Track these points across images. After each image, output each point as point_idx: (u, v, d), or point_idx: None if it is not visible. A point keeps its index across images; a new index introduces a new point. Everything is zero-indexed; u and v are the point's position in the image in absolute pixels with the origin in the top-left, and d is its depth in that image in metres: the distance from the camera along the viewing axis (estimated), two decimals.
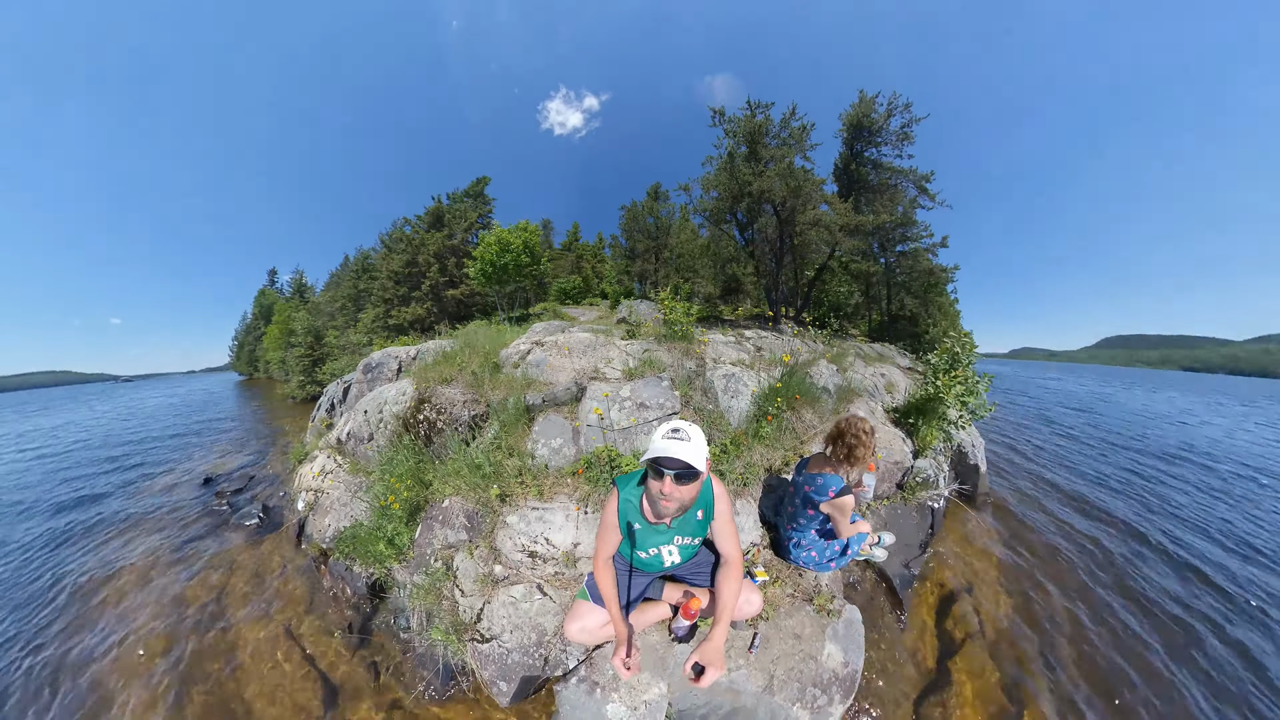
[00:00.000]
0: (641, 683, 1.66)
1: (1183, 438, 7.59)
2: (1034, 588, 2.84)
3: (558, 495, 2.52)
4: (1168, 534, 3.65)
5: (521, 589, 2.10)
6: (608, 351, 3.97)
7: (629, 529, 1.56)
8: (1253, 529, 3.81)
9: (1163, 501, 4.45)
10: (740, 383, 3.50)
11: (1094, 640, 2.35)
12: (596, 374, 3.57)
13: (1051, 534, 3.59)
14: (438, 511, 2.61)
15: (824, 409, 3.59)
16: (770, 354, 4.49)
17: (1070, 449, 6.54)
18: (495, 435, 3.00)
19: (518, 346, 4.30)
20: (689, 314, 4.48)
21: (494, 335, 5.11)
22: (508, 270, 11.05)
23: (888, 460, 3.22)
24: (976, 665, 2.18)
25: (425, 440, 3.28)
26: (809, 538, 2.10)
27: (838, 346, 5.28)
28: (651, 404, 3.07)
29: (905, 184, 8.38)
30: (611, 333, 4.72)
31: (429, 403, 3.44)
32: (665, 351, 3.93)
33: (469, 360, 4.04)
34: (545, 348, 4.10)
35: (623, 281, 17.30)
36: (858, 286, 10.44)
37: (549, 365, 3.75)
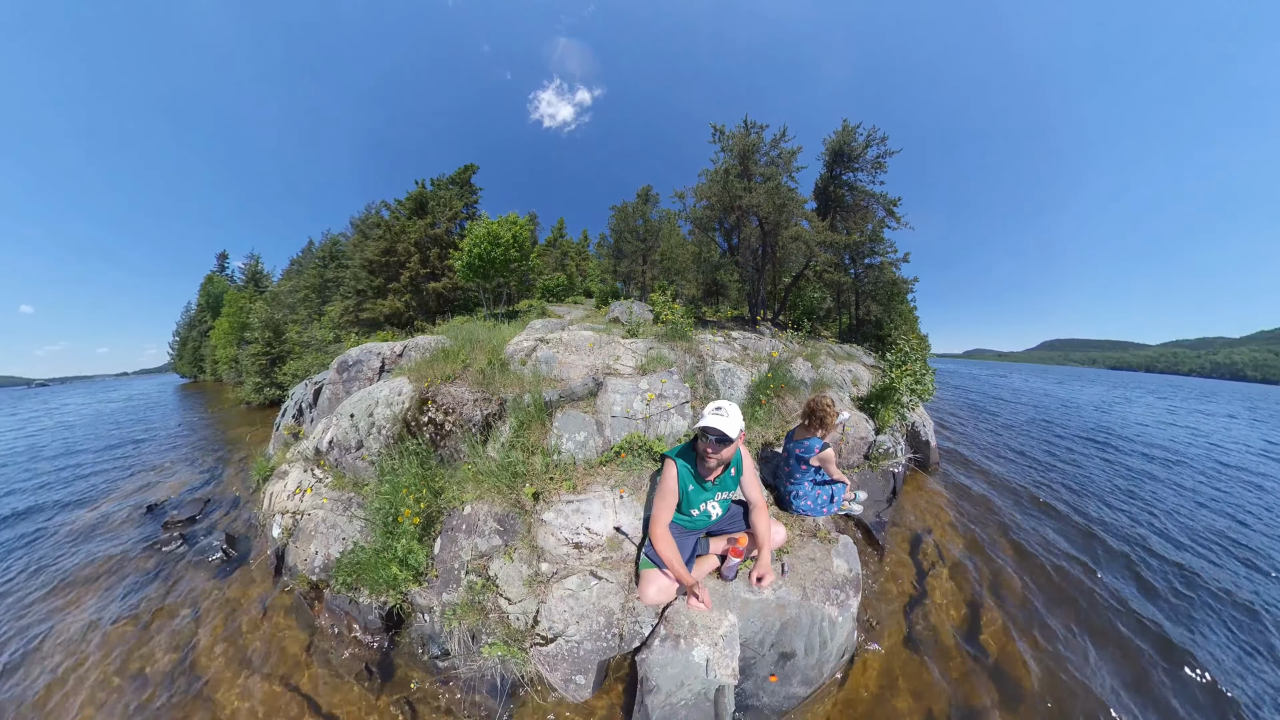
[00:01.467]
0: (714, 620, 1.89)
1: (1094, 420, 9.46)
2: (976, 526, 3.75)
3: (591, 486, 2.58)
4: (1068, 487, 4.95)
5: (576, 580, 2.11)
6: (614, 349, 4.07)
7: (686, 492, 1.88)
8: (1121, 478, 5.36)
9: (1068, 464, 5.86)
10: (735, 376, 4.01)
11: (1021, 560, 3.28)
12: (610, 370, 3.67)
13: (985, 489, 4.68)
14: (459, 520, 2.46)
15: (802, 397, 4.19)
16: (755, 352, 4.91)
17: (1002, 428, 8.05)
18: (514, 433, 2.95)
19: (520, 343, 4.28)
20: (686, 316, 4.75)
21: (492, 331, 5.00)
22: (495, 265, 10.53)
23: (855, 436, 3.90)
24: (943, 583, 2.90)
25: (432, 443, 3.04)
26: (804, 489, 2.64)
27: (811, 346, 5.77)
28: (669, 395, 3.27)
29: (875, 206, 9.41)
30: (610, 331, 4.85)
31: (434, 402, 3.21)
32: (668, 349, 4.12)
33: (474, 357, 3.96)
34: (551, 345, 4.11)
35: (607, 281, 17.28)
36: (829, 294, 11.40)
37: (560, 362, 3.78)
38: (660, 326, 4.74)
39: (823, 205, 10.02)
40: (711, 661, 1.73)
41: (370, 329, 11.93)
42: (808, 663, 1.90)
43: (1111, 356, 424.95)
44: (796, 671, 1.90)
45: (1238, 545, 3.68)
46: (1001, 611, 2.66)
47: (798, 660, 1.89)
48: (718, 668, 1.72)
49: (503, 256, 10.48)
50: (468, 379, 3.60)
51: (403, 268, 12.90)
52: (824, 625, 1.96)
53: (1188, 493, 5.01)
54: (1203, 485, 5.30)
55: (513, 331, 5.21)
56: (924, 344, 5.07)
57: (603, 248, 17.98)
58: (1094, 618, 2.65)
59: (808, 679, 1.91)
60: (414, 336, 5.73)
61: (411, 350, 4.82)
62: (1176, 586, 3.04)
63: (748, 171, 8.38)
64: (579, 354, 3.92)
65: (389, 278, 13.02)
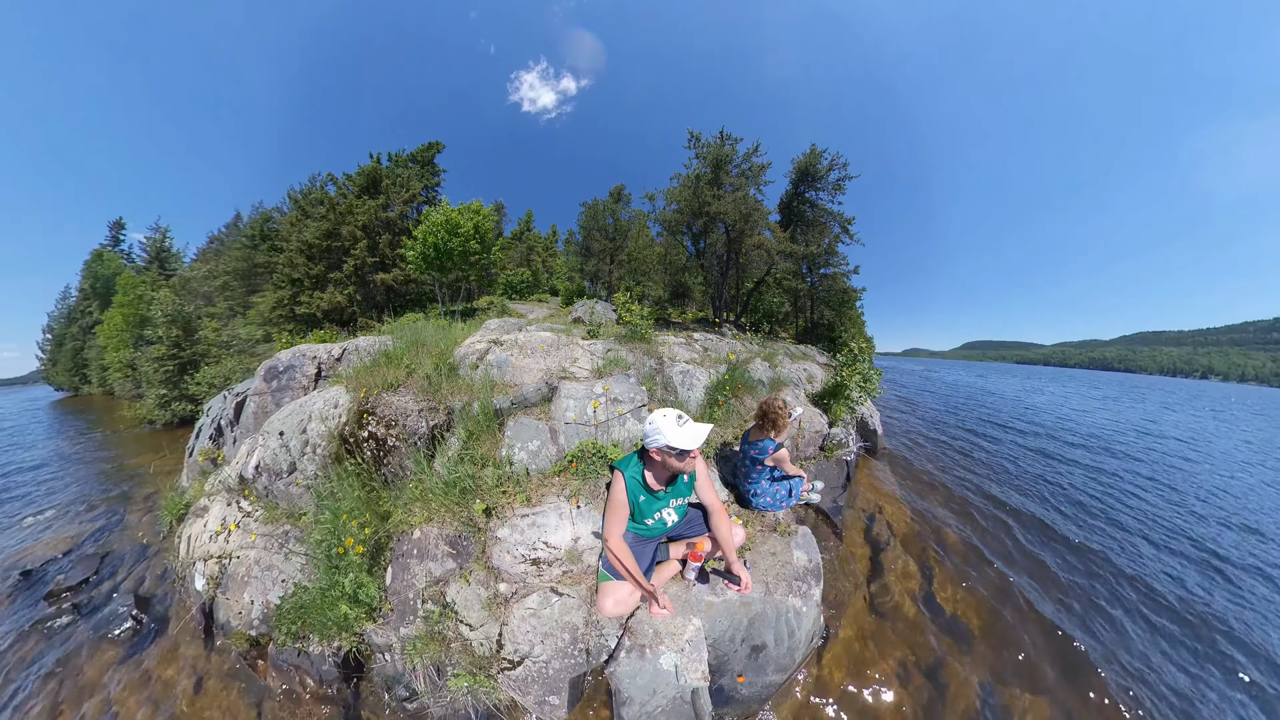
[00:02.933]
0: (678, 626, 1.89)
1: (1011, 406, 11.57)
2: (920, 501, 4.17)
3: (546, 497, 2.47)
4: (991, 459, 5.94)
5: (536, 598, 2.02)
6: (572, 351, 3.93)
7: (638, 503, 1.83)
8: (1034, 444, 6.73)
9: (987, 442, 6.95)
10: (694, 378, 4.02)
11: (961, 526, 3.74)
12: (565, 373, 3.52)
13: (926, 468, 5.27)
14: (409, 545, 2.29)
15: (760, 396, 4.28)
16: (715, 354, 4.98)
17: (934, 414, 9.22)
18: (462, 446, 2.74)
19: (473, 345, 4.00)
20: (645, 317, 4.71)
21: (442, 332, 4.63)
22: (453, 257, 9.38)
23: (810, 430, 4.10)
24: (897, 555, 3.14)
25: (375, 461, 2.76)
26: (762, 487, 2.69)
27: (770, 347, 6.06)
28: (624, 399, 3.18)
29: (833, 223, 10.44)
30: (571, 332, 4.70)
31: (373, 414, 2.89)
32: (627, 351, 4.05)
33: (419, 361, 3.65)
34: (505, 347, 3.90)
35: (574, 279, 16.78)
36: (788, 299, 12.47)
37: (513, 366, 3.59)
38: (622, 328, 4.68)
39: (786, 218, 10.90)
40: (680, 667, 1.74)
41: (307, 326, 10.50)
42: (779, 652, 1.98)
43: (1017, 354, 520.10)
44: (770, 661, 1.97)
45: (1109, 480, 5.24)
46: (948, 571, 3.02)
47: (769, 651, 1.96)
48: (687, 672, 1.74)
49: (462, 248, 9.43)
50: (412, 386, 3.32)
51: (348, 255, 11.16)
52: (790, 616, 2.05)
53: (1078, 451, 6.73)
54: (1085, 448, 7.05)
55: (466, 332, 4.89)
56: (870, 345, 5.61)
57: (571, 244, 17.36)
58: (1021, 561, 3.25)
59: (781, 666, 1.99)
60: (356, 337, 5.16)
61: (351, 354, 4.36)
62: (1069, 514, 4.04)
63: (719, 180, 8.84)
64: (534, 357, 3.75)
65: (331, 265, 11.24)
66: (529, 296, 16.98)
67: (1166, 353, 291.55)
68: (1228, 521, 4.21)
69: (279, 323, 11.00)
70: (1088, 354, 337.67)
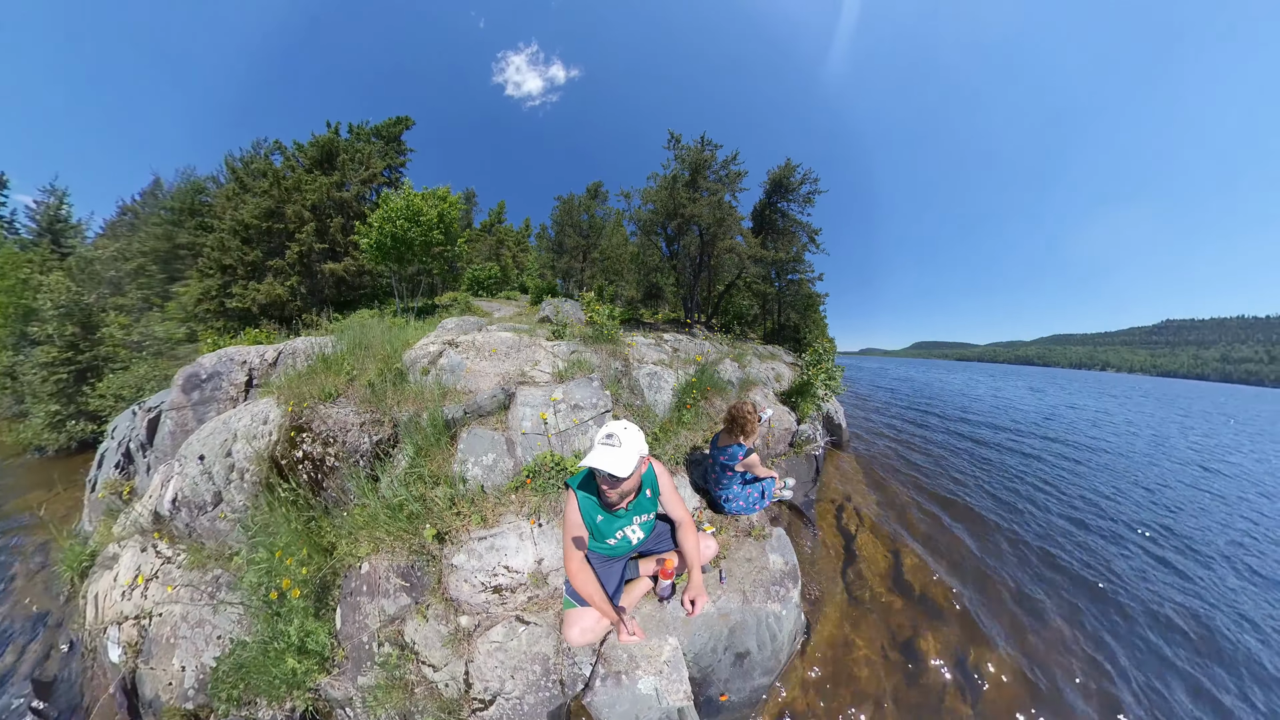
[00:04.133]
0: (654, 648, 1.81)
1: (956, 398, 13.83)
2: (885, 489, 4.58)
3: (504, 516, 2.30)
4: (941, 444, 6.80)
5: (501, 629, 1.87)
6: (534, 353, 3.72)
7: (594, 523, 1.70)
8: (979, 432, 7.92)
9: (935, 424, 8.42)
10: (662, 380, 3.94)
11: (923, 507, 4.19)
12: (524, 378, 3.30)
13: (887, 456, 5.91)
14: (358, 581, 2.07)
15: (730, 397, 4.32)
16: (686, 354, 4.96)
17: (890, 407, 10.62)
18: (411, 462, 2.49)
19: (425, 348, 3.68)
20: (613, 317, 4.57)
21: (392, 332, 4.25)
22: (413, 247, 8.44)
23: (780, 428, 4.23)
24: (867, 540, 3.42)
25: (312, 486, 2.46)
26: (734, 491, 2.67)
27: (740, 348, 6.21)
28: (585, 404, 3.04)
29: (801, 233, 11.20)
30: (535, 332, 4.46)
31: (309, 430, 2.56)
32: (592, 353, 3.90)
33: (362, 366, 3.31)
34: (461, 349, 3.63)
35: (545, 276, 16.20)
36: (757, 302, 13.20)
37: (467, 370, 3.33)
38: (588, 328, 4.52)
39: (758, 225, 11.57)
40: (661, 690, 1.69)
41: (239, 324, 9.18)
42: (763, 656, 2.01)
43: (957, 352, 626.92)
44: (755, 666, 1.99)
45: (1035, 447, 6.95)
46: (914, 548, 3.32)
47: (753, 656, 1.99)
48: (669, 695, 1.69)
49: (424, 238, 8.48)
50: (354, 396, 2.99)
51: (292, 239, 9.62)
52: (770, 621, 2.07)
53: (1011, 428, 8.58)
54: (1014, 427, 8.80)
55: (420, 332, 4.53)
56: (833, 346, 6.11)
57: (544, 240, 16.72)
58: (977, 533, 3.75)
59: (768, 669, 2.03)
60: (294, 339, 4.61)
61: (287, 357, 3.91)
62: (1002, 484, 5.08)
63: (696, 183, 9.20)
64: (491, 360, 3.52)
65: (271, 251, 9.65)
66: (497, 294, 16.23)
67: (1075, 350, 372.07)
68: (1148, 501, 5.00)
69: (205, 318, 9.48)
70: (1014, 352, 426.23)
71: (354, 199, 10.83)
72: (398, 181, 12.21)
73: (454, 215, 9.13)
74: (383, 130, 12.78)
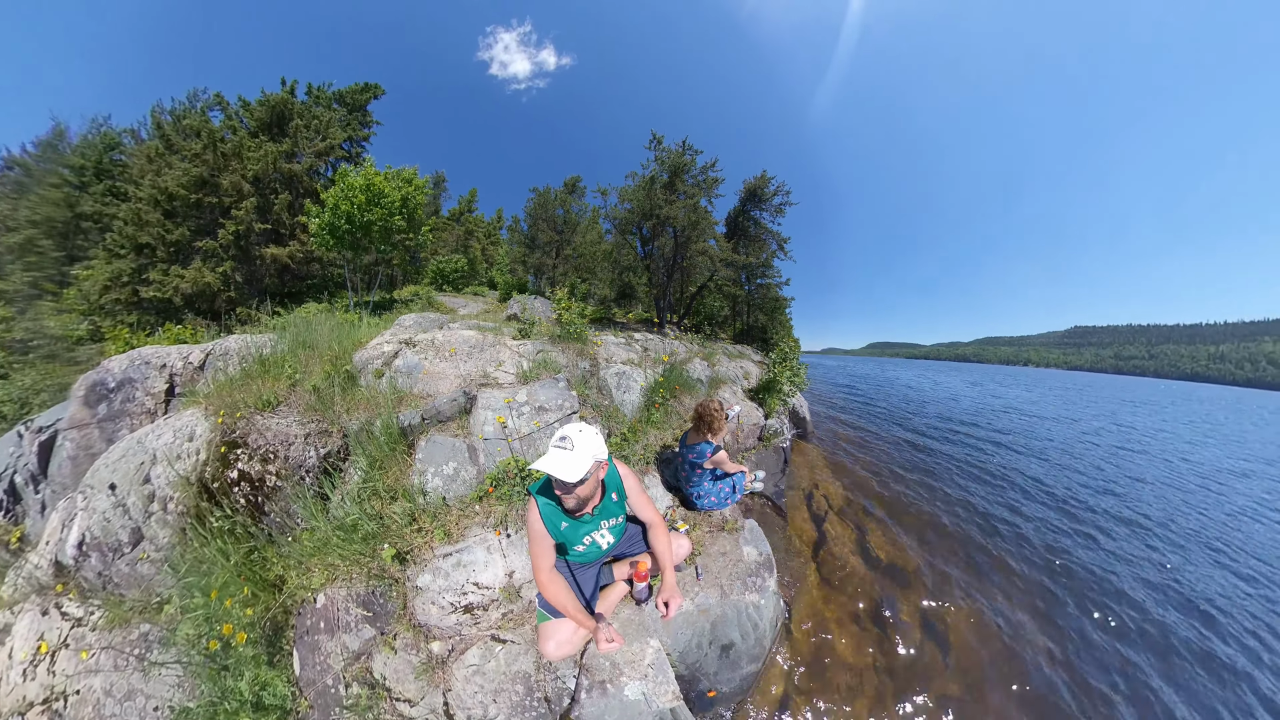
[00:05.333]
0: (637, 652, 1.80)
1: (903, 389, 16.21)
2: (848, 473, 5.08)
3: (469, 529, 2.18)
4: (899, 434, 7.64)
5: (476, 651, 1.77)
6: (498, 353, 3.59)
7: (559, 530, 1.64)
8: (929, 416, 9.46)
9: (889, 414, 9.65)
10: (630, 379, 3.94)
11: (879, 481, 4.79)
12: (487, 379, 3.17)
13: (848, 444, 6.53)
14: (314, 618, 1.89)
15: (699, 395, 4.41)
16: (655, 354, 4.99)
17: (849, 400, 12.13)
18: (364, 476, 2.29)
19: (379, 347, 3.46)
20: (583, 315, 4.52)
21: (343, 330, 3.93)
22: (371, 232, 7.50)
23: (749, 423, 4.41)
24: (835, 522, 3.75)
25: (251, 511, 2.19)
26: (705, 488, 2.71)
27: (710, 347, 6.42)
28: (551, 406, 2.97)
29: (771, 240, 12.04)
30: (501, 331, 4.30)
31: (244, 446, 2.28)
32: (560, 352, 3.83)
33: (307, 368, 3.03)
34: (419, 349, 3.43)
35: (515, 272, 15.54)
36: (727, 303, 13.97)
37: (425, 372, 3.16)
38: (557, 327, 4.43)
39: (731, 231, 12.33)
40: (648, 693, 1.69)
41: (158, 317, 7.82)
42: (748, 645, 2.09)
43: (907, 351, 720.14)
44: (742, 655, 2.05)
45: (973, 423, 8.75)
46: (878, 525, 3.70)
47: (738, 647, 2.05)
48: (657, 697, 1.68)
49: (383, 223, 7.52)
50: (297, 403, 2.74)
51: (228, 215, 7.95)
52: (750, 612, 2.14)
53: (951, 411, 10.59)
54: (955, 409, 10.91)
55: (375, 330, 4.24)
56: (797, 346, 6.61)
57: (515, 233, 15.89)
58: (933, 503, 4.32)
59: (754, 656, 2.10)
60: (226, 336, 4.10)
61: (218, 359, 3.50)
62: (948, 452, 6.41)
63: (674, 186, 9.58)
64: (451, 361, 3.35)
65: (202, 229, 7.95)
66: (463, 288, 15.41)
67: (1003, 350, 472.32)
68: (1066, 466, 6.34)
69: (114, 310, 7.85)
70: (954, 351, 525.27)
71: (306, 173, 9.26)
72: (359, 157, 10.92)
73: (420, 200, 8.30)
74: (347, 96, 11.20)
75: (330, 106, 10.81)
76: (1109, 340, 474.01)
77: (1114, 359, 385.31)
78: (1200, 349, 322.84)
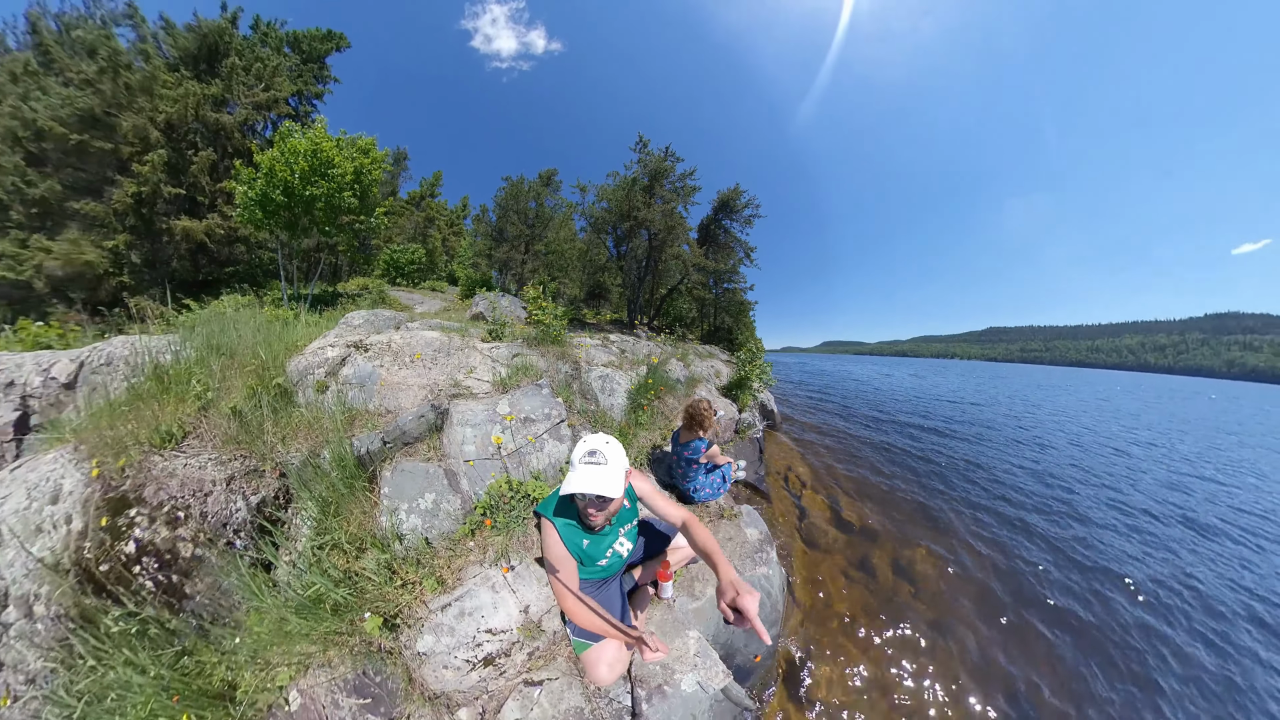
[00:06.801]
0: (681, 647, 1.79)
1: (853, 382, 19.04)
2: (816, 456, 5.89)
3: (466, 570, 1.87)
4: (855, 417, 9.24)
5: (514, 704, 1.54)
6: (468, 357, 3.17)
7: (581, 549, 1.52)
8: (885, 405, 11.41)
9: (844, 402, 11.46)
10: (614, 382, 3.83)
11: (842, 459, 5.77)
12: (459, 389, 2.75)
13: (812, 431, 7.50)
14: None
15: (680, 394, 4.54)
16: (634, 355, 4.97)
17: (810, 392, 13.89)
18: (317, 526, 1.84)
19: (322, 353, 2.83)
20: (559, 316, 4.23)
21: (273, 330, 3.19)
22: (314, 210, 6.11)
23: (726, 419, 4.73)
24: (810, 497, 4.43)
25: (165, 598, 1.60)
26: (700, 481, 2.90)
27: (682, 348, 6.57)
28: (537, 416, 2.67)
29: (739, 249, 13.16)
30: (468, 331, 3.85)
31: (141, 504, 1.70)
32: (538, 355, 3.50)
33: (223, 383, 2.39)
34: (372, 353, 2.91)
35: (479, 266, 14.30)
36: (696, 306, 14.98)
37: (382, 382, 2.66)
38: (530, 328, 4.08)
39: (703, 238, 13.23)
40: (703, 682, 1.72)
41: (10, 308, 5.96)
42: (765, 611, 2.33)
43: (853, 349, 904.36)
44: (765, 623, 2.38)
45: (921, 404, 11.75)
46: (847, 495, 4.48)
47: (761, 615, 2.32)
48: (710, 681, 1.72)
49: (329, 199, 6.11)
50: (211, 434, 2.14)
51: (125, 170, 6.04)
52: (763, 583, 2.38)
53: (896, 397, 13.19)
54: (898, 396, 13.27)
55: (315, 331, 3.57)
56: (761, 345, 7.38)
57: (482, 224, 14.44)
58: (887, 470, 5.38)
59: (773, 621, 2.41)
60: (109, 337, 3.17)
61: (96, 373, 2.70)
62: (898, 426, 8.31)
63: (653, 190, 10.13)
64: (414, 367, 2.89)
65: (83, 185, 5.90)
66: (420, 283, 14.05)
67: (935, 345, 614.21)
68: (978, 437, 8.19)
69: None
70: (894, 348, 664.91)
71: (238, 127, 7.07)
72: (308, 117, 9.03)
73: (376, 176, 6.88)
74: (303, 42, 9.05)
75: (281, 50, 8.72)
76: (1016, 338, 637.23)
77: (1020, 351, 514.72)
78: (1082, 343, 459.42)
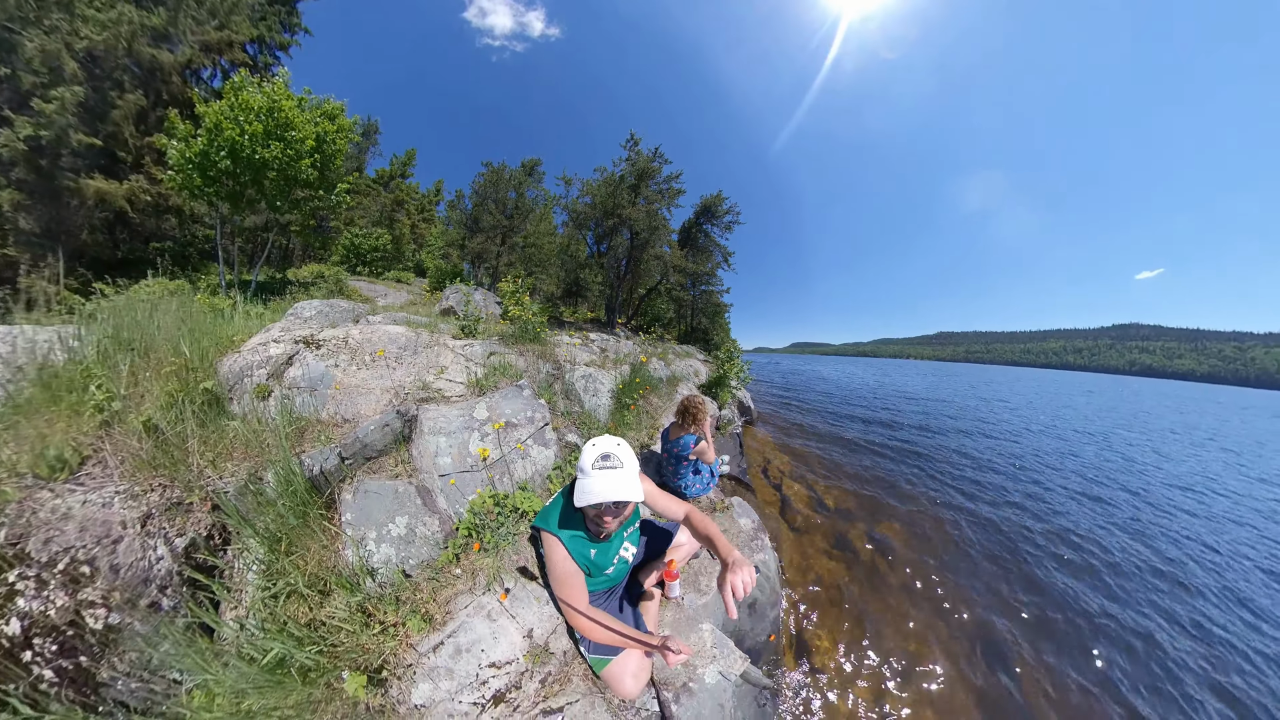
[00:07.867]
0: (698, 642, 1.78)
1: (820, 380, 20.54)
2: (791, 448, 6.29)
3: (455, 601, 1.67)
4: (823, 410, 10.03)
5: None
6: (438, 356, 2.86)
7: (589, 560, 1.46)
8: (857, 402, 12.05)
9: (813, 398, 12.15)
10: (598, 382, 3.66)
11: (818, 446, 6.40)
12: (428, 391, 2.44)
13: (787, 425, 8.03)
14: None
15: (663, 393, 4.53)
16: (614, 354, 4.81)
17: (784, 389, 14.65)
18: (265, 570, 1.53)
19: (263, 350, 2.41)
20: (538, 313, 3.99)
21: (201, 322, 2.64)
22: (264, 179, 5.13)
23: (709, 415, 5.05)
24: (790, 484, 4.80)
25: (78, 691, 1.23)
26: (690, 478, 2.92)
27: (661, 347, 6.63)
28: (520, 420, 2.45)
29: (717, 253, 13.55)
30: (438, 327, 3.46)
31: (24, 561, 1.26)
32: (517, 354, 3.26)
33: (132, 388, 1.93)
34: (325, 351, 2.54)
35: (450, 257, 13.24)
36: (674, 306, 15.31)
37: (338, 385, 2.32)
38: (507, 325, 3.80)
39: (684, 240, 13.53)
40: (725, 671, 1.72)
41: None
42: (766, 595, 2.45)
43: (820, 350, 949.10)
44: (765, 606, 2.43)
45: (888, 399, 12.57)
46: (822, 480, 4.94)
47: (761, 601, 2.40)
48: (731, 670, 1.73)
49: (284, 167, 5.14)
50: (117, 457, 1.68)
51: (24, 108, 5.05)
52: (761, 568, 2.46)
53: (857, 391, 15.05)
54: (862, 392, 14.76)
55: (257, 324, 3.07)
56: (737, 346, 7.69)
57: (456, 211, 13.22)
58: (856, 455, 5.97)
59: (773, 603, 2.54)
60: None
61: None
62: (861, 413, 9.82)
63: (638, 189, 10.05)
64: (376, 367, 2.55)
65: None
66: (384, 273, 12.88)
67: (893, 347, 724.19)
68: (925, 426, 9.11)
69: None
70: (857, 349, 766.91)
71: (180, 69, 5.79)
72: (268, 69, 7.69)
73: (341, 146, 5.87)
74: None
75: None
76: (962, 341, 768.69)
77: (965, 353, 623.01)
78: (1017, 346, 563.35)
